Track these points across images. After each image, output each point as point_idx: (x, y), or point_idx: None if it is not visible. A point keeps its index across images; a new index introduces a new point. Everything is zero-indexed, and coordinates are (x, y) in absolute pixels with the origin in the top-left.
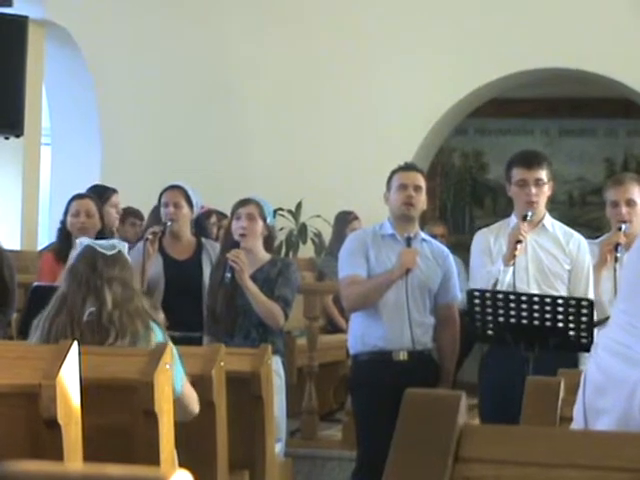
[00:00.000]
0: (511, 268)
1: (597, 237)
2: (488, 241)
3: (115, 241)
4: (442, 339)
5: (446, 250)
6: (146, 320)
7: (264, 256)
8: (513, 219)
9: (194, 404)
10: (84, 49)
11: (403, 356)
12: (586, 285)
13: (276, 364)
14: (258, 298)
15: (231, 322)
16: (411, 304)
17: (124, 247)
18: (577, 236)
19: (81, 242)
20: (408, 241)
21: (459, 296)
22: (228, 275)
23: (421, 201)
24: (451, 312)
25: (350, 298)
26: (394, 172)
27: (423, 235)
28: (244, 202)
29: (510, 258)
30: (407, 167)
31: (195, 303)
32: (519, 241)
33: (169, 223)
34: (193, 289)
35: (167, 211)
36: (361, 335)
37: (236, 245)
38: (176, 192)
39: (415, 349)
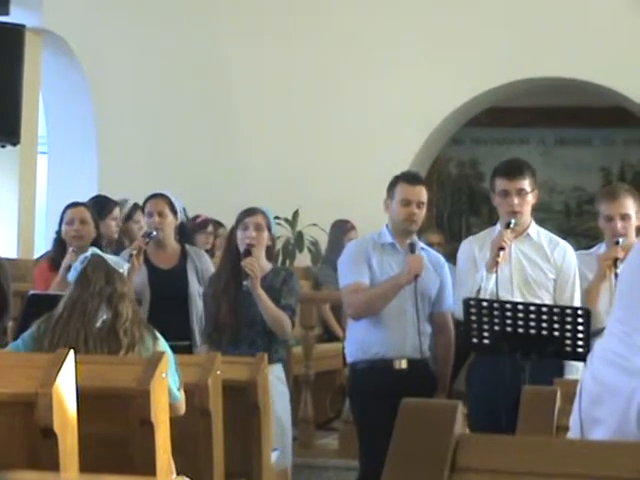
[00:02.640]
0: (494, 275)
1: (589, 247)
2: (473, 250)
3: (118, 259)
4: (438, 347)
5: (442, 259)
6: (152, 331)
7: (266, 265)
8: (498, 228)
9: (183, 407)
10: (81, 58)
11: (403, 364)
12: (571, 293)
13: (279, 371)
14: (268, 307)
15: (236, 331)
16: (420, 312)
17: (126, 267)
18: (563, 244)
19: (85, 253)
20: (412, 247)
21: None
22: (245, 283)
23: (422, 216)
24: (446, 320)
25: (355, 305)
26: (398, 180)
27: (421, 244)
28: (251, 212)
29: (492, 265)
30: (412, 179)
31: (182, 311)
32: (502, 248)
33: (154, 232)
34: (179, 297)
35: (151, 220)
36: (361, 342)
37: (246, 254)
38: (159, 201)
39: (416, 357)
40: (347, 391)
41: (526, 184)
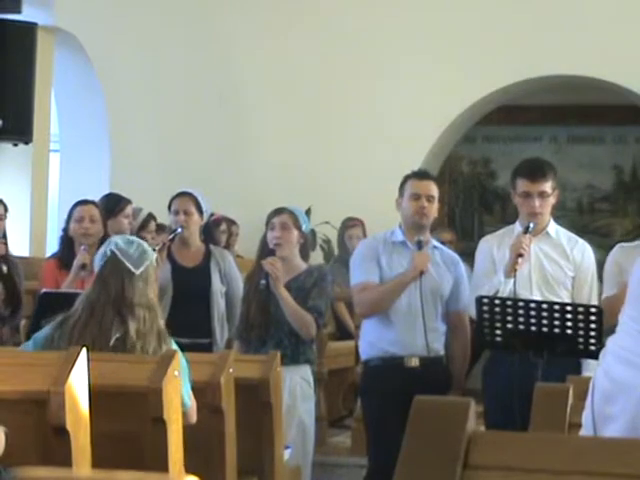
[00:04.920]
0: (512, 280)
1: (601, 244)
2: (491, 249)
3: (143, 248)
4: (453, 346)
5: (457, 257)
6: (165, 337)
7: (300, 265)
8: (517, 226)
9: (194, 415)
10: (93, 56)
11: (415, 362)
12: (589, 291)
13: (306, 373)
14: (291, 307)
15: (264, 329)
16: (425, 310)
17: (152, 256)
18: (582, 243)
19: (109, 242)
20: (419, 244)
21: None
22: (263, 282)
23: (433, 210)
24: (462, 319)
25: (363, 304)
26: (407, 178)
27: (434, 242)
28: (278, 211)
29: (511, 271)
30: (421, 175)
31: (203, 310)
32: (520, 255)
33: (179, 230)
34: (201, 296)
35: (177, 218)
36: (373, 340)
37: (271, 254)
38: (186, 199)
39: (427, 355)
40: (359, 388)
41: (548, 186)
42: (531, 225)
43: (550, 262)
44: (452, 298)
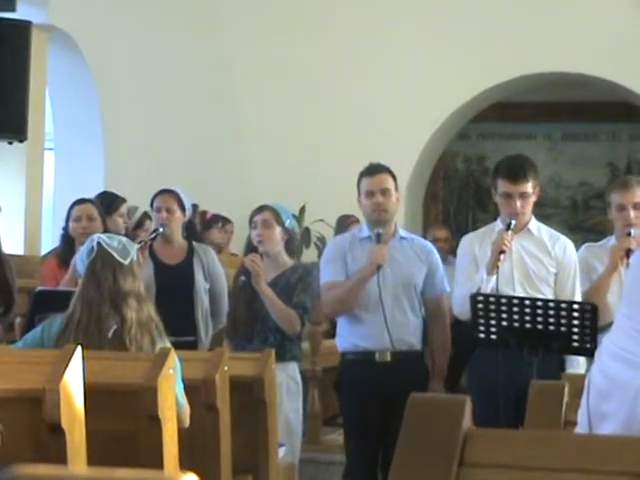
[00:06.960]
0: (494, 277)
1: (597, 240)
2: (473, 247)
3: (125, 243)
4: (432, 333)
5: (429, 245)
6: (159, 328)
7: (286, 261)
8: (499, 224)
9: (187, 419)
10: (87, 54)
11: (386, 357)
12: (572, 288)
13: (293, 370)
14: (274, 303)
15: (250, 326)
16: (387, 303)
17: (135, 250)
18: (563, 239)
19: (91, 240)
20: (378, 237)
21: (447, 289)
22: (242, 278)
23: (392, 203)
24: (439, 305)
25: (328, 303)
26: (361, 176)
27: (403, 233)
28: (260, 209)
29: (493, 268)
30: (371, 171)
31: (187, 307)
32: (503, 252)
33: (161, 229)
34: (185, 293)
35: (159, 216)
36: (345, 334)
37: (255, 252)
38: (168, 197)
39: (397, 350)
40: (336, 381)
41: (529, 187)
42: (513, 222)
43: (532, 259)
44: (428, 286)
